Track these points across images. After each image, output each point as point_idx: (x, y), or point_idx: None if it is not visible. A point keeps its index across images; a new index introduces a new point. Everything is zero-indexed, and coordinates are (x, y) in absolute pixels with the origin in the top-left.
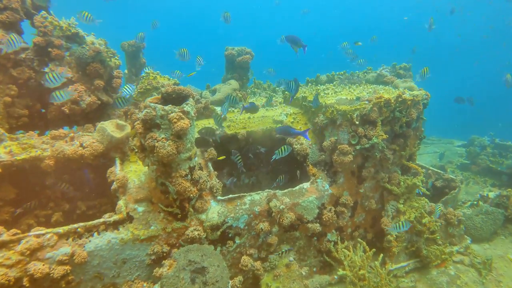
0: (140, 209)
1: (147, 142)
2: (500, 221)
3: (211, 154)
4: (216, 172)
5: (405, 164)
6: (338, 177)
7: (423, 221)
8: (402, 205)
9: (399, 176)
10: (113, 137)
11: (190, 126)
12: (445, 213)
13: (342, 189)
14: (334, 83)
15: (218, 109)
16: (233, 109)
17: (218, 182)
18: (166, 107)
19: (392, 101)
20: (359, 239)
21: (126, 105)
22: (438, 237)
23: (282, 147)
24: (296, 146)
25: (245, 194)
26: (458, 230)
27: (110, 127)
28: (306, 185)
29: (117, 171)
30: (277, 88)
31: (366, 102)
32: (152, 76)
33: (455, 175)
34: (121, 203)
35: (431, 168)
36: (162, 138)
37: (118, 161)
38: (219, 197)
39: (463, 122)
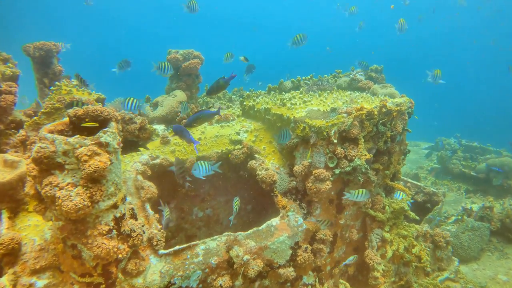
0: (41, 283)
1: (44, 191)
2: (486, 236)
3: (149, 192)
4: (157, 215)
5: (389, 184)
6: (313, 208)
7: (413, 250)
8: (388, 234)
9: (383, 199)
10: None
11: (112, 163)
12: (432, 235)
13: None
14: (301, 89)
15: (159, 128)
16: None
17: (160, 230)
18: (71, 139)
19: (375, 112)
20: (340, 280)
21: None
22: (428, 265)
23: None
24: (260, 172)
25: (196, 242)
26: (446, 252)
27: None
28: (275, 221)
29: (1, 230)
30: (233, 97)
31: (345, 115)
32: (66, 89)
33: (436, 188)
34: (4, 280)
35: (410, 180)
36: (68, 184)
37: (5, 215)
38: (161, 251)
39: (428, 124)
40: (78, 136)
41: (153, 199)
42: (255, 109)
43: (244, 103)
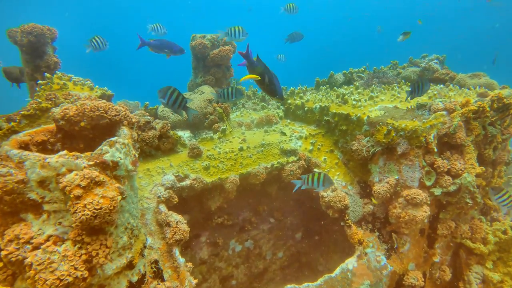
0: None
1: (6, 253)
2: None
3: (178, 232)
4: (190, 265)
5: (489, 205)
6: (400, 242)
7: None
8: (492, 273)
9: (484, 225)
10: None
11: (124, 197)
12: None
13: (406, 261)
14: (356, 83)
15: (184, 136)
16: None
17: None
18: (53, 159)
19: (487, 108)
20: None
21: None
22: None
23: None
24: (324, 194)
25: None
26: None
27: None
28: (351, 263)
29: None
30: (267, 96)
31: (444, 113)
32: (59, 83)
33: None
34: None
35: None
36: (48, 238)
37: None
38: None
39: None
40: (65, 152)
41: (184, 241)
42: (305, 108)
43: (289, 101)
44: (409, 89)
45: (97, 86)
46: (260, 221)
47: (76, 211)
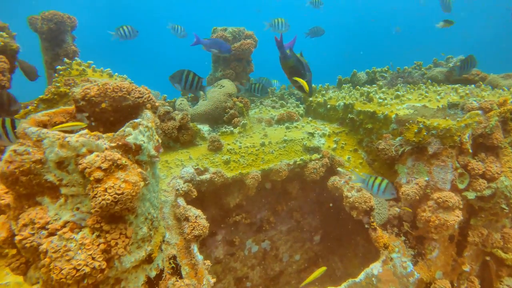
0: None
1: (20, 238)
2: None
3: (197, 227)
4: (207, 263)
5: None
6: (428, 247)
7: None
8: None
9: None
10: None
11: (147, 184)
12: None
13: (434, 269)
14: (379, 83)
15: (204, 129)
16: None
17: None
18: (73, 138)
19: None
20: None
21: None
22: None
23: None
24: (349, 194)
25: None
26: None
27: None
28: (376, 268)
29: None
30: (285, 94)
31: (479, 112)
32: (78, 69)
33: None
34: None
35: None
36: (65, 224)
37: None
38: None
39: None
40: (86, 131)
41: (203, 237)
42: (328, 106)
43: (310, 99)
44: (456, 66)
45: (116, 73)
46: (278, 221)
47: (96, 195)
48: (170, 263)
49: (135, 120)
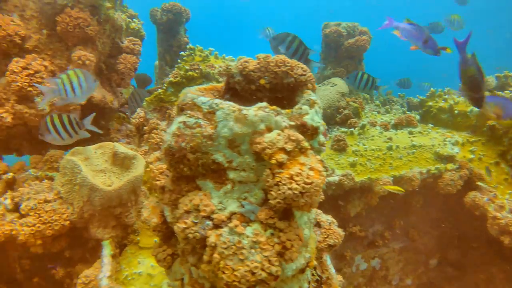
0: None
1: (182, 226)
2: None
3: (332, 234)
4: (340, 279)
5: None
6: None
7: None
8: None
9: None
10: (97, 191)
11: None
12: None
13: None
14: None
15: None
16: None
17: None
18: (252, 111)
19: None
20: None
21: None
22: None
23: None
24: (498, 215)
25: None
26: None
27: (97, 162)
28: None
29: (101, 279)
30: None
31: None
32: (201, 55)
33: None
34: None
35: None
36: (231, 215)
37: (107, 251)
38: None
39: None
40: (265, 104)
41: (337, 247)
42: (455, 111)
43: (430, 103)
44: None
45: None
46: (392, 237)
47: (279, 183)
48: (313, 274)
49: (312, 97)
